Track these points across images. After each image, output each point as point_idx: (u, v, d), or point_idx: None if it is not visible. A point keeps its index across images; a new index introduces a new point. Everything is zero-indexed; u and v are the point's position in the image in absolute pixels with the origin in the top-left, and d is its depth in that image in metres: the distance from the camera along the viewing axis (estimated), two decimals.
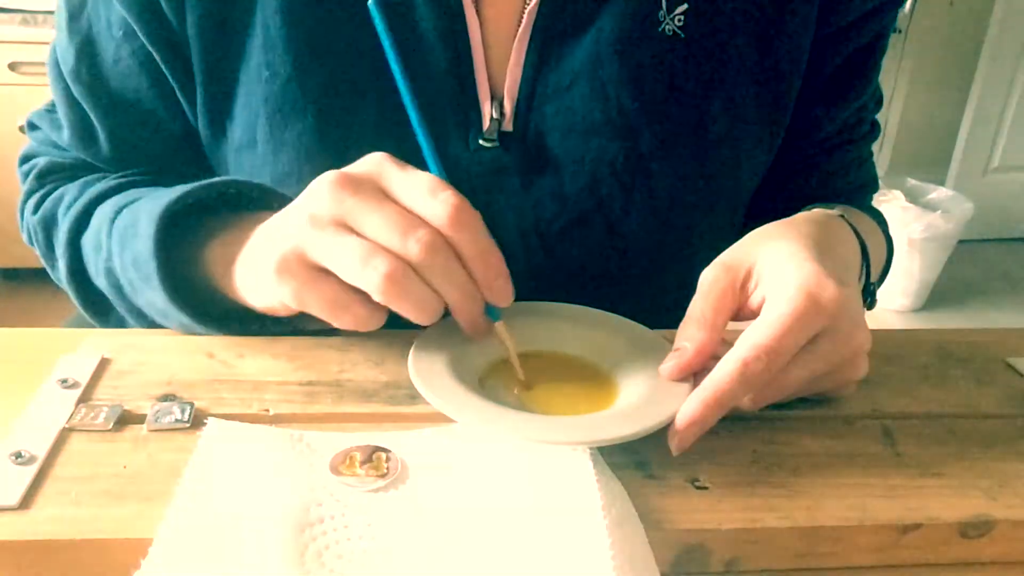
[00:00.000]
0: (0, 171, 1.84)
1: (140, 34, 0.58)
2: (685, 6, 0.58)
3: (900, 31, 2.83)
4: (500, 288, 0.47)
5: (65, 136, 0.66)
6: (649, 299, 0.60)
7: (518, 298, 0.55)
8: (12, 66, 2.12)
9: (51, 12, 2.03)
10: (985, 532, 0.42)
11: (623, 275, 0.63)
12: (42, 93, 0.66)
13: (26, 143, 0.72)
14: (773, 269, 0.47)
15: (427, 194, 0.45)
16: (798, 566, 0.42)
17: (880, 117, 0.75)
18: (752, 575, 0.41)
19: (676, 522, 0.41)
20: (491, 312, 0.49)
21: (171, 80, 0.60)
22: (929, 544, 0.42)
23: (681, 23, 0.58)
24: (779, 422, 0.48)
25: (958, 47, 3.02)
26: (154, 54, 0.59)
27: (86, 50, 0.61)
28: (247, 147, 0.60)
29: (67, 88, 0.63)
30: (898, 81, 3.05)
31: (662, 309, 0.56)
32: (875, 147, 0.76)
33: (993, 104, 2.85)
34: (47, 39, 2.15)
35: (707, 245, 0.65)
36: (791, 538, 0.41)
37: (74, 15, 0.61)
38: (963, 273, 2.73)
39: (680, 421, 0.43)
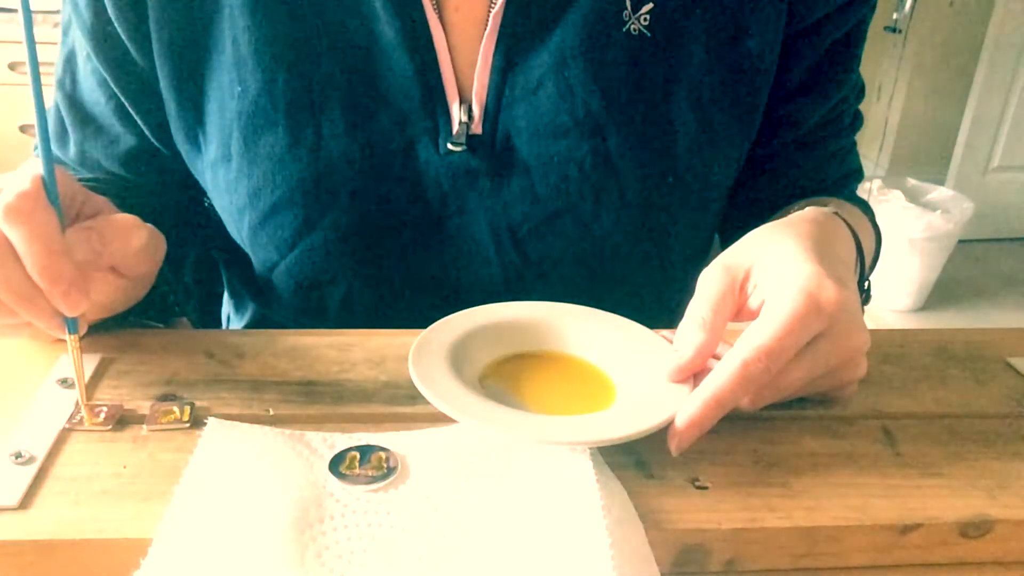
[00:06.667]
0: (0, 172, 1.83)
1: (94, 57, 0.60)
2: (651, 5, 0.58)
3: (899, 31, 2.82)
4: (61, 296, 0.43)
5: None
6: (625, 298, 0.60)
7: (496, 300, 0.55)
8: (12, 66, 2.12)
9: (51, 12, 2.03)
10: (985, 532, 0.42)
11: (597, 274, 0.63)
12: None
13: (25, 142, 0.73)
14: (773, 270, 0.47)
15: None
16: (798, 566, 0.42)
17: (880, 117, 0.75)
18: (752, 575, 0.41)
19: (676, 522, 0.41)
20: (68, 322, 0.45)
21: (125, 101, 0.62)
22: (929, 544, 0.42)
23: (647, 22, 0.58)
24: (779, 422, 0.48)
25: (958, 47, 3.01)
26: (106, 77, 0.61)
27: (68, 64, 0.64)
28: (222, 162, 0.60)
29: (54, 94, 0.66)
30: (898, 81, 3.04)
31: (639, 308, 0.56)
32: (875, 147, 0.76)
33: (993, 104, 2.84)
34: (47, 39, 2.15)
35: (681, 243, 0.65)
36: (791, 538, 0.41)
37: (64, 30, 0.64)
38: (963, 273, 2.73)
39: (680, 421, 0.43)
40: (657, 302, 0.66)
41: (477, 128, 0.60)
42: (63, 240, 0.44)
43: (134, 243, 0.49)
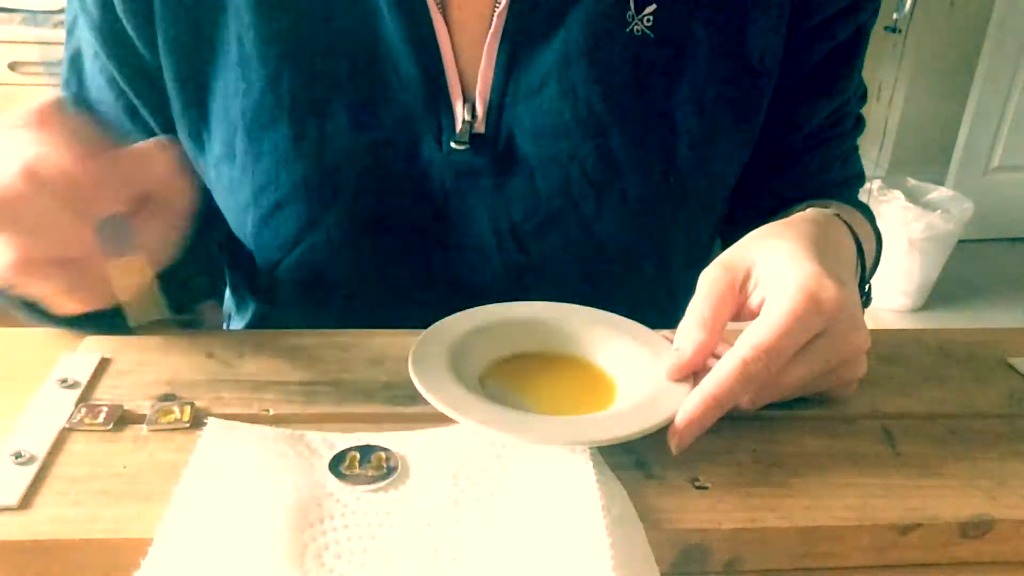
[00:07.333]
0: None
1: (102, 55, 0.60)
2: (654, 6, 0.58)
3: (900, 31, 2.82)
4: (95, 196, 0.42)
5: None
6: (626, 297, 0.60)
7: (497, 299, 0.55)
8: (12, 66, 2.12)
9: (51, 12, 2.03)
10: (985, 532, 0.42)
11: (599, 273, 0.63)
12: (42, 93, 0.67)
13: None
14: (772, 269, 0.47)
15: None
16: (798, 566, 0.42)
17: (880, 117, 0.75)
18: (752, 575, 0.41)
19: (676, 522, 0.41)
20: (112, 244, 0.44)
21: (134, 99, 0.61)
22: (929, 544, 0.42)
23: (650, 23, 0.58)
24: (779, 422, 0.48)
25: (958, 47, 3.01)
26: (115, 74, 0.60)
27: (74, 64, 0.63)
28: (226, 160, 0.60)
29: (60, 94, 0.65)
30: (898, 81, 3.04)
31: (640, 307, 0.56)
32: (875, 147, 0.76)
33: (993, 104, 2.84)
34: (47, 39, 2.14)
35: (683, 244, 0.65)
36: (791, 538, 0.41)
37: (69, 31, 0.63)
38: (963, 273, 2.73)
39: (680, 421, 0.43)
40: (658, 302, 0.66)
41: (480, 127, 0.60)
42: (89, 143, 0.43)
43: (169, 156, 0.46)
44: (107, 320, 0.52)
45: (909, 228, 2.40)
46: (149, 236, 0.47)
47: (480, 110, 0.60)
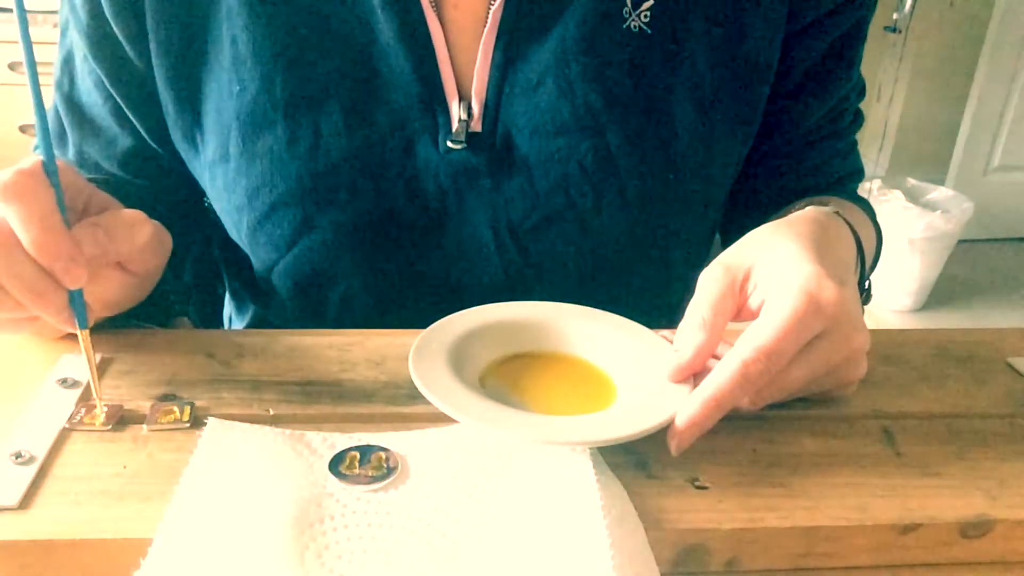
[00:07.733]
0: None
1: (90, 58, 0.60)
2: (651, 2, 0.58)
3: (899, 31, 2.82)
4: (61, 272, 0.43)
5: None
6: (625, 296, 0.60)
7: (496, 299, 0.55)
8: (12, 66, 2.12)
9: (51, 12, 2.03)
10: (985, 532, 0.42)
11: (597, 272, 0.63)
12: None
13: (25, 142, 0.73)
14: (773, 270, 0.47)
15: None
16: (798, 566, 0.42)
17: (880, 117, 0.75)
18: (752, 575, 0.41)
19: (676, 522, 0.41)
20: (77, 316, 0.45)
21: (121, 102, 0.62)
22: (929, 544, 0.42)
23: (647, 19, 0.58)
24: (779, 422, 0.48)
25: (958, 47, 3.01)
26: (103, 78, 0.61)
27: (66, 64, 0.64)
28: (220, 161, 0.61)
29: (53, 95, 0.66)
30: (898, 81, 3.04)
31: (639, 307, 0.56)
32: (875, 147, 0.76)
33: (993, 104, 2.84)
34: (47, 39, 2.15)
35: (681, 242, 0.65)
36: (791, 538, 0.41)
37: (63, 31, 0.64)
38: (963, 273, 2.73)
39: (680, 422, 0.43)
40: (657, 302, 0.66)
41: (477, 126, 0.60)
42: (61, 218, 0.44)
43: (140, 238, 0.49)
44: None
45: (909, 228, 2.40)
46: (109, 291, 0.49)
47: (476, 109, 0.60)
